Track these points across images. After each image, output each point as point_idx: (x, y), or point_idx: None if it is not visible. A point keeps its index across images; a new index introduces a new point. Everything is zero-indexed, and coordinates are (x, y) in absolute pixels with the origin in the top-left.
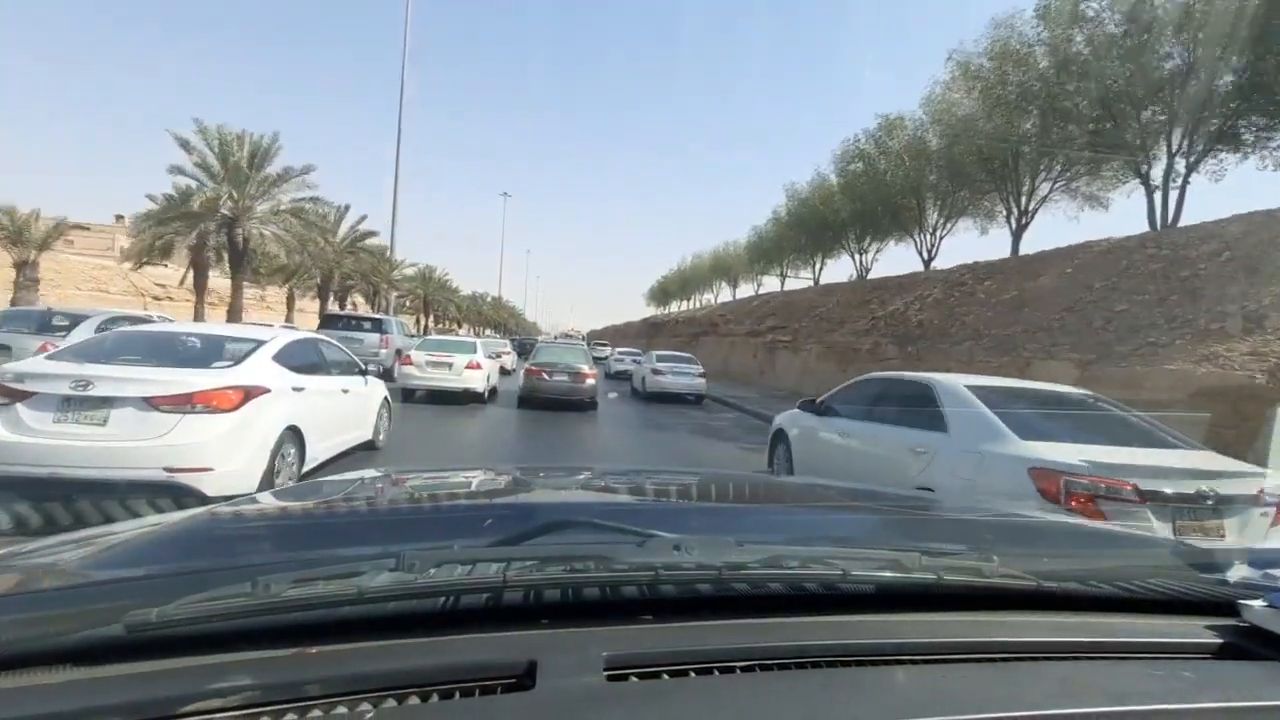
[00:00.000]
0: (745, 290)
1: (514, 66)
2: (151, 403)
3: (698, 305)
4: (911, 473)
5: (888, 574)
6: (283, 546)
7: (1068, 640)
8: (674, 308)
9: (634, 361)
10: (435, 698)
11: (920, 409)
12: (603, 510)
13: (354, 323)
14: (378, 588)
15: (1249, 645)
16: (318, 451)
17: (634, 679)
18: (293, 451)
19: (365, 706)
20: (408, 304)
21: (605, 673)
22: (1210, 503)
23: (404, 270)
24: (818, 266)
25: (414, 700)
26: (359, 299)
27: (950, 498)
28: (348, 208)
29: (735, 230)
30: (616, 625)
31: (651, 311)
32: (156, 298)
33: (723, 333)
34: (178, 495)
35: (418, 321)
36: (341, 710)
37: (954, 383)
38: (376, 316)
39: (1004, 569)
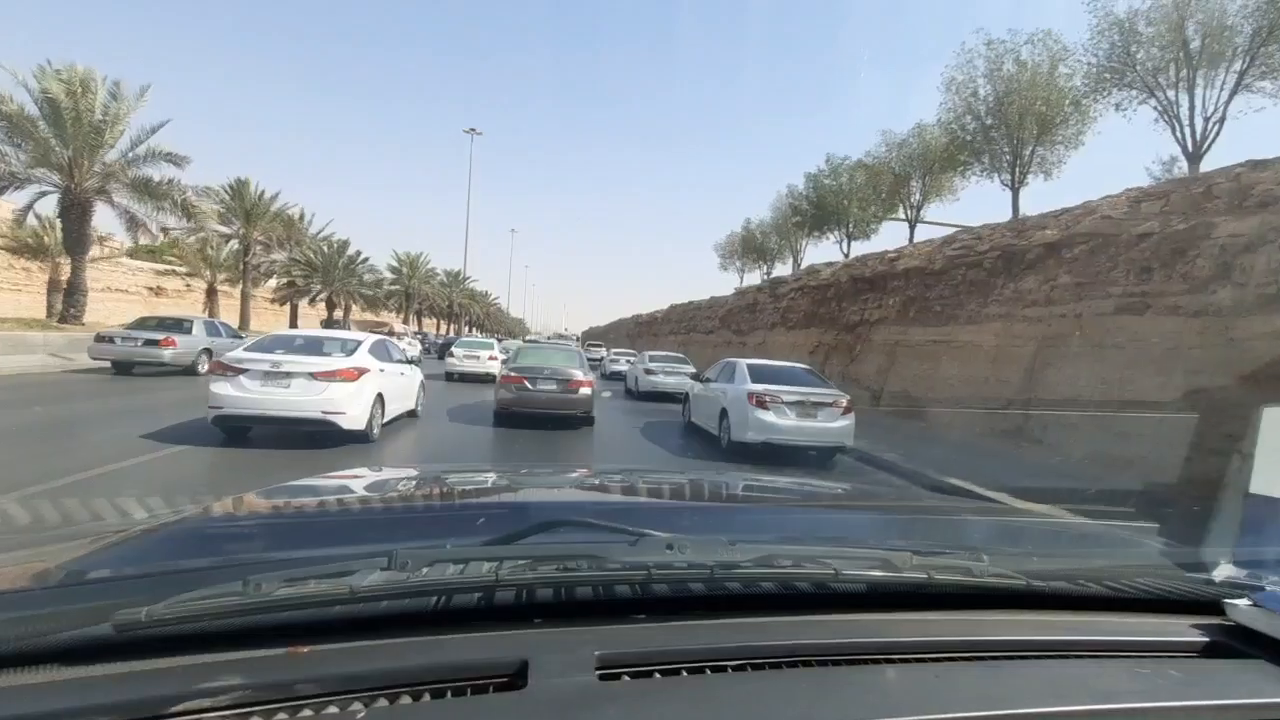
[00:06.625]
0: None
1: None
2: (314, 375)
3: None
4: (720, 400)
5: (879, 573)
6: (274, 545)
7: (1056, 639)
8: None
9: (627, 362)
10: (427, 697)
11: (730, 373)
12: (595, 509)
13: None
14: (370, 587)
15: (1234, 644)
16: (390, 411)
17: (626, 678)
18: (379, 410)
19: (357, 706)
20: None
21: (597, 672)
22: (804, 404)
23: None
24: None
25: (406, 700)
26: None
27: (731, 406)
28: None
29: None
30: (609, 624)
31: (734, 281)
32: None
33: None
34: (328, 429)
35: (243, 300)
36: (333, 710)
37: (741, 361)
38: None
39: (994, 568)
